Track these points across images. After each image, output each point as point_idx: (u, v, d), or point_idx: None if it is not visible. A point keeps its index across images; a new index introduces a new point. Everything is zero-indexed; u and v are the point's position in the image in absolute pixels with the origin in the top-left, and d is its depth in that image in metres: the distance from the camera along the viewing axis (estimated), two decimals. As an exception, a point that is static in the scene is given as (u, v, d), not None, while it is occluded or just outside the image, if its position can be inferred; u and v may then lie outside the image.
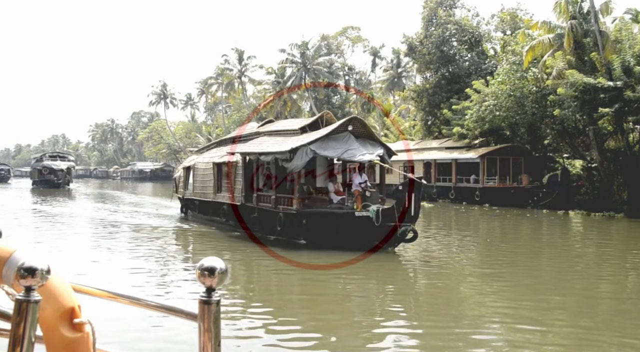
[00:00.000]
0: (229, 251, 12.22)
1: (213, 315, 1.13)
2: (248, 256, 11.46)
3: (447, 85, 31.46)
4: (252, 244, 12.38)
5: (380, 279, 9.55)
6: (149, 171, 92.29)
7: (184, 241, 14.93)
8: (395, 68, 53.83)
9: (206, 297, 1.13)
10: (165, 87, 74.35)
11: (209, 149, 19.70)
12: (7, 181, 66.91)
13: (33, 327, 1.07)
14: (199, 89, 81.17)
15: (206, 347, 1.13)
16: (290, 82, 42.24)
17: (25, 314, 1.06)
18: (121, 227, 16.99)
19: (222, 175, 15.98)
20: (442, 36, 30.74)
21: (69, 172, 48.85)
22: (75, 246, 13.01)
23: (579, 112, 20.90)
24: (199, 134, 76.45)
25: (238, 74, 50.64)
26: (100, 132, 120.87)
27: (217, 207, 16.05)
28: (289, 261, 10.30)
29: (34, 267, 1.07)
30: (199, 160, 18.41)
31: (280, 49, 41.35)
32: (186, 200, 19.39)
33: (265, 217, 13.25)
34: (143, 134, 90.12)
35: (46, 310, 1.17)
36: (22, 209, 24.47)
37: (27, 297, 1.07)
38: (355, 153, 11.72)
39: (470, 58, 31.57)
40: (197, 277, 1.15)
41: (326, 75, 43.47)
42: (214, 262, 1.15)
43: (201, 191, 17.54)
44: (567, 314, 7.07)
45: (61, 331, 1.21)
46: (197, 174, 18.06)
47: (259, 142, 14.33)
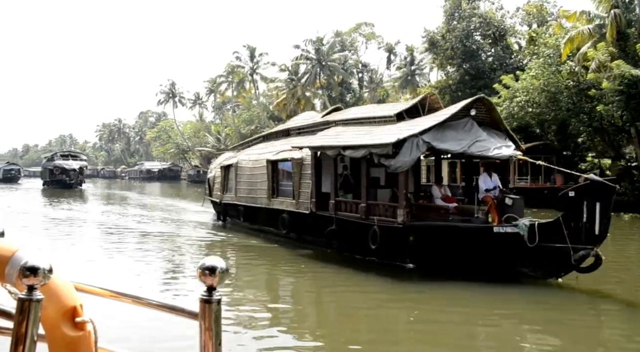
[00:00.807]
0: (304, 276, 9.44)
1: (214, 314, 1.13)
2: (334, 285, 8.63)
3: (471, 81, 29.91)
4: (332, 266, 9.64)
5: (551, 330, 6.21)
6: (157, 171, 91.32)
7: (237, 259, 11.65)
8: (409, 65, 52.37)
9: (207, 296, 1.13)
10: (173, 86, 73.14)
11: (253, 144, 16.90)
12: (17, 181, 64.83)
13: (35, 326, 1.08)
14: (207, 88, 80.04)
15: (207, 345, 1.13)
16: (305, 79, 40.73)
17: (28, 313, 1.07)
18: (151, 237, 14.31)
19: (279, 176, 13.37)
20: (467, 30, 29.20)
21: (81, 172, 46.85)
22: (100, 262, 10.49)
23: (624, 108, 19.35)
24: (208, 133, 75.26)
25: (250, 71, 49.22)
26: (108, 132, 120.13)
27: (273, 216, 13.14)
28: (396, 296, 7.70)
29: (36, 266, 1.08)
30: (243, 157, 15.57)
31: (294, 45, 40.00)
32: (225, 205, 16.45)
33: (348, 231, 10.38)
34: (151, 134, 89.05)
35: (48, 309, 1.18)
36: (33, 212, 22.55)
37: (29, 296, 1.07)
38: (487, 146, 8.79)
39: (495, 53, 30.01)
40: (197, 277, 1.14)
41: (341, 72, 41.92)
42: (215, 262, 1.14)
43: (248, 195, 14.64)
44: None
45: (63, 330, 1.22)
46: (241, 174, 15.19)
47: (334, 134, 11.36)
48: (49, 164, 48.19)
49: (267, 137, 16.49)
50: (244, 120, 62.82)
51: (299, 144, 12.47)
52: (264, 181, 13.78)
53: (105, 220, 19.18)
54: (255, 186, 14.31)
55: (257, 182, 14.22)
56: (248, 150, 16.33)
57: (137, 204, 27.60)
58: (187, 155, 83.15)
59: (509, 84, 24.90)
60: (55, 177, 45.90)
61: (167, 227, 16.60)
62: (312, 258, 10.59)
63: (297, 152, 12.26)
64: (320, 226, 11.07)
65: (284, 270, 10.11)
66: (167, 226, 17.17)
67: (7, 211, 22.07)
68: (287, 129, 15.00)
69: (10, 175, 65.16)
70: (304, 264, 10.24)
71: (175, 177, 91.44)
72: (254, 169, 14.53)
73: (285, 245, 12.07)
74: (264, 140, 16.45)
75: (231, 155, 17.75)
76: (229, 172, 16.26)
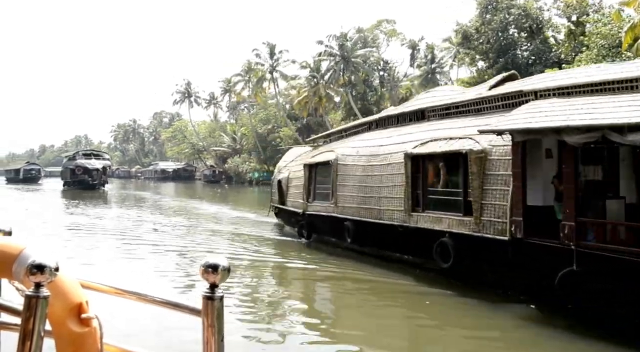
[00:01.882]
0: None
1: (216, 310, 1.12)
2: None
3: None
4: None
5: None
6: (172, 171, 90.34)
7: (367, 308, 7.40)
8: (429, 63, 50.56)
9: (209, 293, 1.13)
10: (189, 86, 71.89)
11: (351, 135, 12.71)
12: (37, 182, 62.67)
13: (42, 322, 1.09)
14: (222, 88, 78.80)
15: (209, 341, 1.12)
16: (328, 75, 39.04)
17: (35, 310, 1.07)
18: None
19: (426, 177, 8.97)
20: (505, 21, 27.29)
21: (104, 172, 43.88)
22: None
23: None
24: (224, 133, 73.98)
25: (269, 69, 47.61)
26: (122, 132, 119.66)
27: (415, 239, 8.89)
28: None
29: (43, 264, 1.08)
30: (347, 152, 11.36)
31: (317, 41, 38.34)
32: (312, 218, 12.34)
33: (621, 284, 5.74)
34: (166, 133, 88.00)
35: (55, 305, 1.18)
36: (51, 216, 20.10)
37: (36, 293, 1.08)
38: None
39: (534, 46, 28.07)
40: (200, 274, 1.14)
41: (366, 68, 40.17)
42: (217, 260, 1.14)
43: (361, 205, 10.40)
44: None
45: (69, 326, 1.22)
46: (346, 175, 10.99)
47: (555, 109, 6.66)
48: (70, 164, 45.07)
49: (379, 123, 11.91)
50: (260, 119, 61.31)
51: (482, 126, 7.54)
52: (395, 186, 9.41)
53: (145, 235, 14.69)
54: (377, 193, 9.93)
55: (381, 187, 9.81)
56: (350, 143, 11.89)
57: (174, 211, 23.54)
58: (202, 155, 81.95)
59: (556, 77, 22.96)
60: (76, 178, 43.09)
61: (240, 249, 12.16)
62: (530, 321, 6.29)
63: (469, 142, 7.89)
64: (534, 266, 6.70)
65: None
66: (230, 243, 13.07)
67: (24, 214, 20.29)
68: (419, 110, 10.43)
69: (30, 175, 63.28)
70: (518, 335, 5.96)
71: (190, 177, 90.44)
72: (372, 169, 10.23)
73: (452, 289, 7.62)
74: (371, 128, 12.05)
75: (310, 151, 13.88)
76: (323, 173, 11.85)
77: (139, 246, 12.67)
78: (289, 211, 13.86)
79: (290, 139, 56.67)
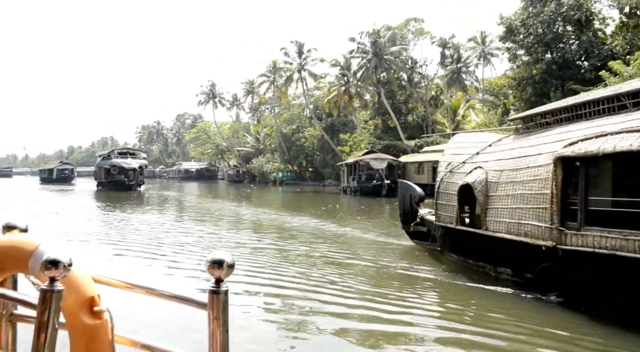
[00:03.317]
0: None
1: (221, 304, 1.13)
2: None
3: (558, 70, 25.71)
4: None
5: None
6: (195, 171, 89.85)
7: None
8: (455, 63, 48.38)
9: (215, 288, 1.14)
10: (214, 87, 70.84)
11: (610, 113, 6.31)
12: (70, 182, 60.83)
13: (57, 315, 1.11)
14: (244, 90, 77.75)
15: (215, 333, 1.14)
16: (360, 73, 37.13)
17: (50, 303, 1.10)
18: None
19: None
20: (557, 12, 25.02)
21: (141, 172, 40.54)
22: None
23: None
24: (247, 133, 72.90)
25: (297, 68, 45.92)
26: (147, 133, 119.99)
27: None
28: None
29: (57, 259, 1.10)
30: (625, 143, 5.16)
31: (349, 38, 36.41)
32: (573, 259, 5.82)
33: None
34: (191, 134, 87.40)
35: (68, 299, 1.21)
36: (86, 224, 16.07)
37: (51, 288, 1.10)
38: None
39: (586, 39, 25.72)
40: (207, 269, 1.14)
41: (399, 65, 38.17)
42: (222, 256, 1.14)
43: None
44: None
45: (82, 318, 1.26)
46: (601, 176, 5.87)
47: None
48: (105, 163, 41.29)
49: None
50: (285, 120, 59.80)
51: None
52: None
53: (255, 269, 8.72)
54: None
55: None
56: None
57: (242, 221, 18.23)
58: (225, 155, 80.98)
59: (619, 70, 20.73)
60: (112, 178, 39.78)
61: None
62: None
63: None
64: None
65: None
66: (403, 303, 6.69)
67: (54, 218, 18.13)
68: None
69: (63, 175, 61.77)
70: None
71: (212, 177, 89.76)
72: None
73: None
74: None
75: (505, 138, 8.51)
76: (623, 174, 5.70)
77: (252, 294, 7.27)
78: (492, 240, 7.26)
79: (315, 139, 55.09)
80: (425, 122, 42.31)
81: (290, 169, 60.80)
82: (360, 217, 19.82)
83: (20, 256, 1.26)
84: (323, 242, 12.39)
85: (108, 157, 42.06)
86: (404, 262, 9.38)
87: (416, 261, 9.58)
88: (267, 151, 67.41)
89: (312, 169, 59.14)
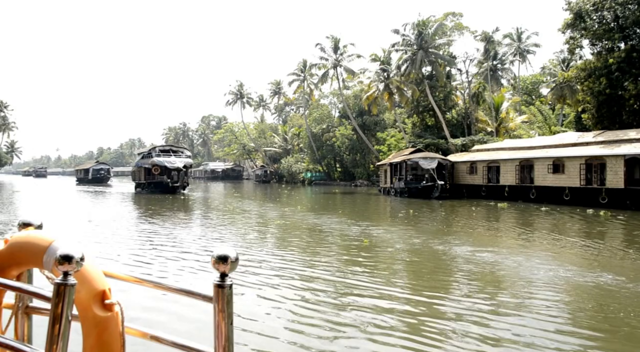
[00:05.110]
0: None
1: (226, 297, 1.14)
2: None
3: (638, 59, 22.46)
4: None
5: None
6: (221, 171, 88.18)
7: None
8: (491, 60, 45.10)
9: (220, 282, 1.15)
10: (242, 87, 68.68)
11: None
12: (106, 182, 57.95)
13: (70, 308, 1.12)
14: (271, 90, 75.57)
15: (220, 325, 1.15)
16: (404, 67, 34.15)
17: (63, 296, 1.10)
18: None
19: None
20: (641, -7, 21.75)
21: (186, 173, 34.33)
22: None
23: None
24: (275, 133, 70.72)
25: (333, 64, 43.17)
26: (173, 134, 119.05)
27: None
28: None
29: (70, 255, 1.11)
30: None
31: (393, 30, 33.26)
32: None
33: None
34: (218, 134, 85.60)
35: (81, 292, 1.24)
36: (127, 240, 11.24)
37: (64, 281, 1.11)
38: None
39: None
40: (212, 264, 1.15)
41: (447, 58, 35.08)
42: (227, 251, 1.15)
43: None
44: None
45: (94, 311, 1.29)
46: None
47: None
48: (145, 162, 34.94)
49: None
50: (314, 119, 57.23)
51: None
52: None
53: None
54: None
55: None
56: None
57: (319, 235, 12.71)
58: (251, 156, 78.97)
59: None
60: (153, 179, 33.98)
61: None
62: None
63: None
64: None
65: None
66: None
67: (88, 227, 13.96)
68: None
69: (99, 175, 59.17)
70: None
71: (238, 176, 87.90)
72: None
73: None
74: None
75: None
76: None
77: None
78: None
79: (346, 139, 52.42)
80: (467, 120, 39.11)
81: (319, 169, 58.26)
82: (489, 232, 13.54)
83: (35, 251, 1.31)
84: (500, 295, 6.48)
85: (148, 155, 35.39)
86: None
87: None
88: (294, 151, 65.00)
89: (342, 169, 56.48)
